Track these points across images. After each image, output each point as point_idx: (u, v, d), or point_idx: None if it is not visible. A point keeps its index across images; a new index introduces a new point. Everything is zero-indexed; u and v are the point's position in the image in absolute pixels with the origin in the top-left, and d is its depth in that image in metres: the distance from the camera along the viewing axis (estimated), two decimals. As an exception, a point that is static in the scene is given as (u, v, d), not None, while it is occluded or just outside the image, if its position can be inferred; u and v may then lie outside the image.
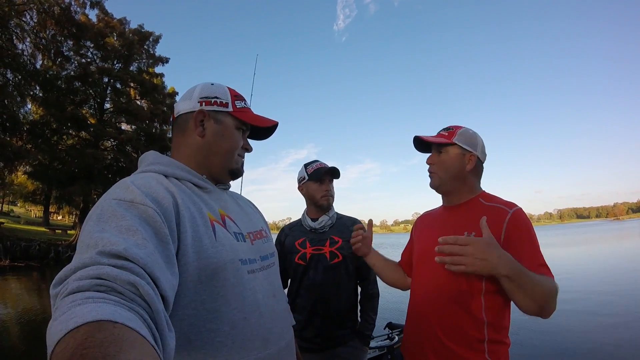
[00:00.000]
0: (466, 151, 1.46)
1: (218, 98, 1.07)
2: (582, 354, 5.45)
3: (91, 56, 25.29)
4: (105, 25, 24.85)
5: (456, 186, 1.49)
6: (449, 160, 1.47)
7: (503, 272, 1.16)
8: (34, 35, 21.37)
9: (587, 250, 26.22)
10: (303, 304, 2.06)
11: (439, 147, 1.50)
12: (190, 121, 1.05)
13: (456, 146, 1.47)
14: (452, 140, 1.47)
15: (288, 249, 2.16)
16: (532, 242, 1.29)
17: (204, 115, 1.05)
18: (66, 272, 0.57)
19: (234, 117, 1.08)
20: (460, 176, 1.47)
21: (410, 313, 1.54)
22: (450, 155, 1.47)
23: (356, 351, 2.06)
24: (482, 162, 1.51)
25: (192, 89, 1.09)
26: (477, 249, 1.16)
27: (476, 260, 1.16)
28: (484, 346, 1.30)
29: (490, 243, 1.17)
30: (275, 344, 0.97)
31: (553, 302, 1.22)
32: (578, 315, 7.48)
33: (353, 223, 2.17)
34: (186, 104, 1.06)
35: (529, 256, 1.26)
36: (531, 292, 1.18)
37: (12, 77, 20.65)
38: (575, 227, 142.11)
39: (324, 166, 2.13)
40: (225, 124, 1.07)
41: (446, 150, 1.48)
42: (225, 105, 1.07)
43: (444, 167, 1.48)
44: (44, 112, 22.44)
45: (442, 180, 1.50)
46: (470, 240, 1.19)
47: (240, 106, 1.10)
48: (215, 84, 1.11)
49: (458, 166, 1.46)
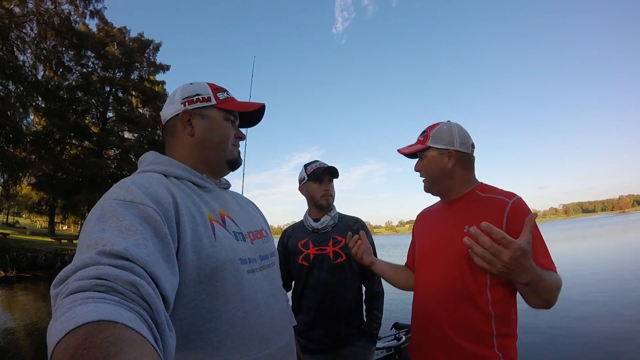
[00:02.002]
0: (443, 150, 1.47)
1: (199, 94, 1.08)
2: (586, 346, 5.42)
3: (92, 65, 25.42)
4: (105, 34, 25.00)
5: (446, 185, 1.49)
6: (429, 164, 1.49)
7: (522, 281, 1.12)
8: (34, 47, 21.51)
9: (593, 244, 26.09)
10: (309, 305, 2.06)
11: (420, 152, 1.53)
12: (178, 123, 1.06)
13: (432, 149, 1.48)
14: (426, 144, 1.49)
15: (291, 250, 2.15)
16: (534, 234, 1.25)
17: (190, 115, 1.06)
18: (66, 272, 0.57)
19: (219, 109, 1.09)
20: (445, 175, 1.47)
21: (415, 312, 1.52)
22: (430, 159, 1.49)
23: (363, 350, 2.06)
24: (467, 154, 1.49)
25: (173, 93, 1.11)
26: (511, 258, 1.04)
27: (503, 267, 1.07)
28: (493, 340, 1.29)
29: (526, 254, 1.06)
30: (275, 343, 0.97)
31: (557, 296, 1.21)
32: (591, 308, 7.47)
33: (355, 222, 2.19)
34: (170, 109, 1.08)
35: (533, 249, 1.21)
36: (542, 292, 1.17)
37: (14, 89, 20.80)
38: (581, 221, 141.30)
39: (323, 166, 2.13)
40: (212, 118, 1.08)
41: (425, 156, 1.51)
42: (208, 99, 1.08)
43: (427, 171, 1.51)
44: (46, 122, 22.55)
45: (431, 183, 1.52)
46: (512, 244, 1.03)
47: (223, 97, 1.11)
48: (194, 82, 1.13)
49: (439, 167, 1.47)
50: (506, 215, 1.29)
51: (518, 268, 1.07)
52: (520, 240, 1.05)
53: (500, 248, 1.05)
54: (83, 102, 24.76)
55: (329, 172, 2.12)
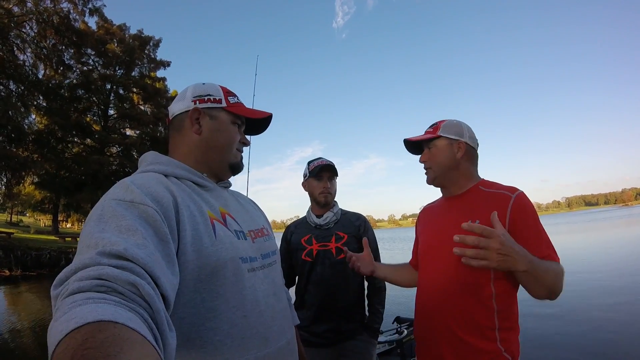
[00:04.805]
0: (453, 140, 1.48)
1: (211, 95, 1.08)
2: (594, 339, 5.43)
3: (93, 63, 25.45)
4: (105, 32, 24.99)
5: (451, 176, 1.50)
6: (439, 153, 1.50)
7: (522, 268, 1.14)
8: (34, 46, 21.50)
9: (599, 237, 26.08)
10: (311, 300, 2.08)
11: (428, 143, 1.53)
12: (186, 120, 1.06)
13: (442, 138, 1.49)
14: (437, 134, 1.50)
15: (294, 246, 2.17)
16: (537, 226, 1.29)
17: (199, 113, 1.06)
18: (67, 272, 0.57)
19: (228, 112, 1.10)
20: (453, 165, 1.48)
21: (419, 307, 1.53)
22: (439, 148, 1.50)
23: (365, 344, 2.08)
24: (473, 149, 1.52)
25: (185, 90, 1.11)
26: (501, 243, 1.10)
27: (499, 256, 1.11)
28: (496, 334, 1.30)
29: (509, 238, 1.14)
30: (275, 342, 0.97)
31: (561, 285, 1.23)
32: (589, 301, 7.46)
33: (357, 218, 2.21)
34: (180, 105, 1.08)
35: (536, 241, 1.26)
36: (543, 281, 1.19)
37: (15, 88, 20.83)
38: (584, 214, 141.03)
39: (323, 162, 2.14)
40: (221, 120, 1.08)
41: (434, 145, 1.51)
42: (219, 101, 1.09)
43: (435, 160, 1.50)
44: (48, 121, 22.62)
45: (437, 173, 1.51)
46: (493, 232, 1.11)
47: (234, 101, 1.12)
48: (207, 83, 1.13)
49: (449, 156, 1.48)
50: (509, 210, 1.30)
51: (512, 253, 1.11)
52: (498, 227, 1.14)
53: (487, 240, 1.10)
54: (84, 100, 24.83)
55: (327, 168, 2.13)
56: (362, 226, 2.17)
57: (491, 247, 1.10)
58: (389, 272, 1.77)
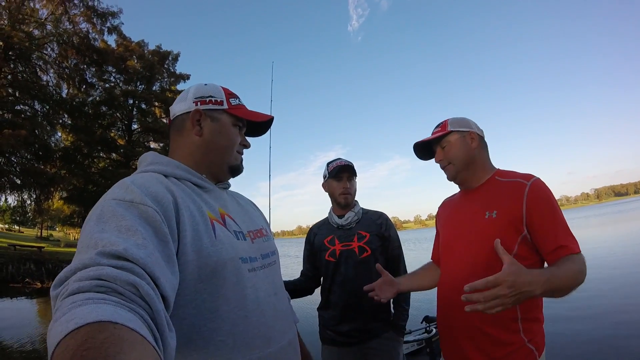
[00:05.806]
0: (465, 132, 1.49)
1: (213, 97, 1.09)
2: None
3: (114, 80, 26.06)
4: (124, 49, 25.57)
5: (471, 169, 1.49)
6: (454, 147, 1.49)
7: (538, 293, 1.09)
8: (56, 66, 22.18)
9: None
10: (336, 300, 2.10)
11: (439, 142, 1.53)
12: (187, 121, 1.06)
13: (454, 132, 1.49)
14: (447, 130, 1.50)
15: (318, 247, 2.19)
16: (554, 214, 1.27)
17: (200, 115, 1.06)
18: (66, 273, 0.57)
19: (229, 114, 1.10)
20: (471, 158, 1.48)
21: (441, 300, 1.53)
22: (453, 143, 1.50)
23: (391, 342, 2.08)
24: (483, 138, 1.53)
25: (187, 90, 1.11)
26: (509, 286, 1.03)
27: (512, 298, 1.04)
28: (519, 325, 1.29)
29: (517, 271, 1.05)
30: (277, 342, 0.97)
31: (583, 278, 1.19)
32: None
33: (379, 217, 2.21)
34: (181, 105, 1.08)
35: (553, 231, 1.24)
36: (564, 288, 1.17)
37: (40, 108, 21.55)
38: (614, 205, 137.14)
39: (342, 163, 2.14)
40: (222, 122, 1.08)
41: (447, 141, 1.51)
42: (220, 103, 1.09)
43: (453, 155, 1.50)
44: (74, 138, 23.24)
45: (457, 167, 1.50)
46: (499, 279, 1.02)
47: (235, 103, 1.12)
48: (209, 84, 1.13)
49: (465, 148, 1.48)
50: (525, 198, 1.28)
51: (524, 287, 1.04)
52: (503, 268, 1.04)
53: (494, 291, 1.02)
54: (108, 116, 25.43)
55: (345, 169, 2.13)
56: (384, 224, 2.17)
57: (502, 294, 1.03)
58: (412, 282, 1.77)
